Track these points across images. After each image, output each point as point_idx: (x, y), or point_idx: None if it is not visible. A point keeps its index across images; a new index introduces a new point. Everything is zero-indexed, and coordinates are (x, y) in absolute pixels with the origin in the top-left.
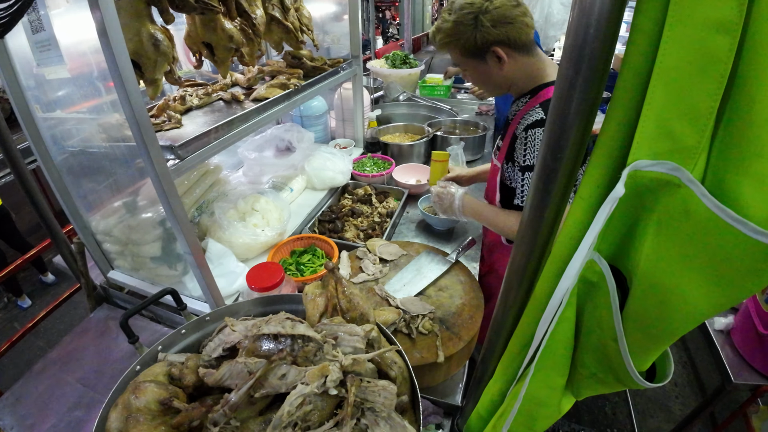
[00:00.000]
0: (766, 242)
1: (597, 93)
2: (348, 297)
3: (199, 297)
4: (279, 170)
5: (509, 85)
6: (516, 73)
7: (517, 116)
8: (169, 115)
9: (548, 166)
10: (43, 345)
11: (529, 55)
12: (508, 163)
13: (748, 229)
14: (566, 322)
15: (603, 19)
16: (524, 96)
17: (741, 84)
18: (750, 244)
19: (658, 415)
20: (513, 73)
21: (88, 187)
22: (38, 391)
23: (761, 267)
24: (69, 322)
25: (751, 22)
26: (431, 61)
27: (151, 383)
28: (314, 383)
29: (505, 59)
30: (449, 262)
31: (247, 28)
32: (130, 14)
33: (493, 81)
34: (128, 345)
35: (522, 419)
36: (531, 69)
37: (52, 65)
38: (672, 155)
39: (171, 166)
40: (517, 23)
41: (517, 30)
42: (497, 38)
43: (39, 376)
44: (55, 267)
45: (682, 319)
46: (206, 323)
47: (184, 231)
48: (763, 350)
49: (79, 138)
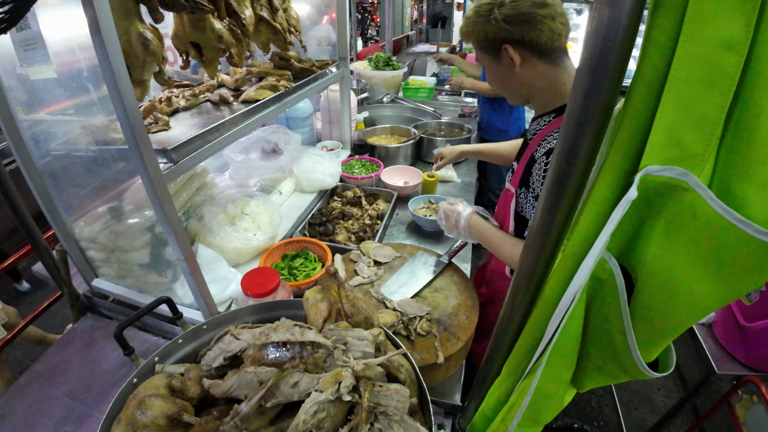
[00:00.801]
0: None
1: (611, 102)
2: (352, 301)
3: (191, 304)
4: (266, 173)
5: (527, 94)
6: (535, 82)
7: (538, 137)
8: (156, 117)
9: (562, 171)
10: (21, 357)
11: (553, 64)
12: (521, 189)
13: (752, 229)
14: (576, 318)
15: (620, 33)
16: (548, 114)
17: (748, 97)
18: (753, 244)
19: (642, 407)
20: (530, 80)
21: (71, 192)
22: (24, 406)
23: (762, 264)
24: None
25: (758, 41)
26: (414, 64)
27: (157, 397)
28: (329, 390)
29: (517, 61)
30: (443, 263)
31: (236, 28)
32: (119, 12)
33: (507, 84)
34: (116, 356)
35: (529, 413)
36: (556, 82)
37: (37, 65)
38: (681, 161)
39: (164, 169)
40: (537, 23)
41: (538, 32)
42: (509, 36)
43: (24, 391)
44: (32, 275)
45: (688, 312)
46: (203, 332)
47: (177, 237)
48: (744, 341)
49: (63, 141)
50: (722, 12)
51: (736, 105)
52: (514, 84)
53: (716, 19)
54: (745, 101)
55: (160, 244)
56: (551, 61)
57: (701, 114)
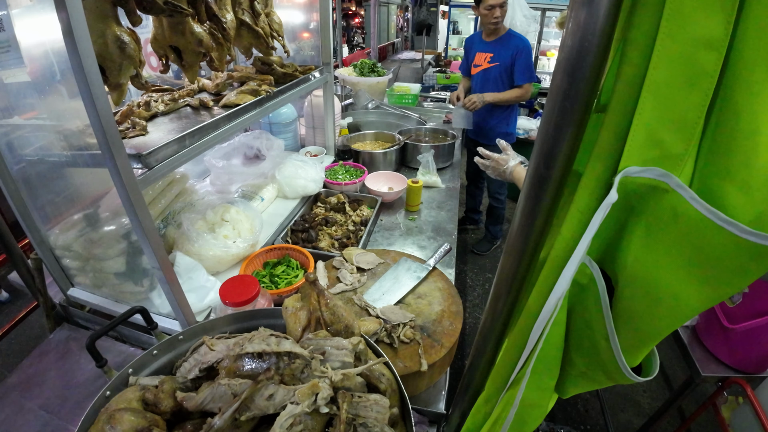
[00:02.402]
0: (756, 241)
1: (588, 103)
2: (331, 309)
3: (168, 314)
4: (248, 179)
5: None
6: None
7: None
8: (134, 122)
9: (540, 174)
10: None
11: None
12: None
13: (738, 229)
14: (558, 325)
15: (596, 33)
16: None
17: (727, 97)
18: (739, 244)
19: (628, 410)
20: None
21: (46, 199)
22: None
23: (748, 265)
24: (24, 343)
25: (737, 40)
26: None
27: (127, 411)
28: (305, 402)
29: None
30: (427, 268)
31: (216, 32)
32: (95, 15)
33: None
34: (92, 368)
35: (515, 424)
36: None
37: (10, 68)
38: (661, 162)
39: (138, 175)
40: None
41: None
42: None
43: None
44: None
45: (672, 315)
46: (179, 342)
47: (153, 245)
48: (728, 343)
49: (38, 146)
50: (701, 9)
51: (715, 104)
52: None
53: (695, 16)
54: (724, 101)
55: (136, 252)
56: None
57: (681, 113)
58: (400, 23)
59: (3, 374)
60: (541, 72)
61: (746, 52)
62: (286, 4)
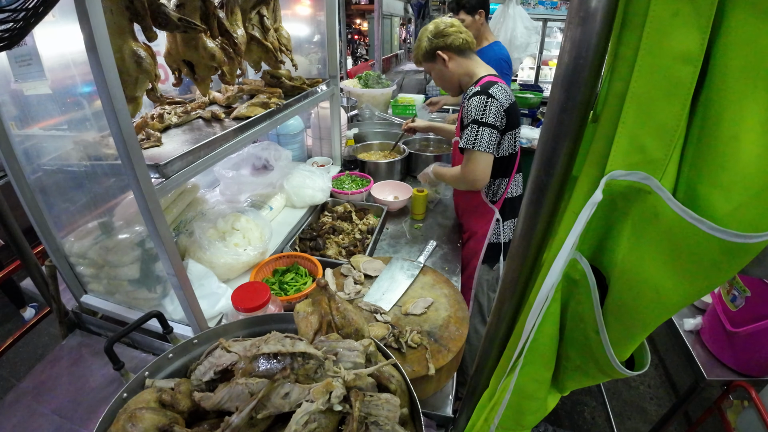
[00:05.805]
0: (722, 237)
1: (584, 115)
2: (342, 313)
3: (181, 320)
4: (257, 188)
5: (458, 81)
6: (459, 70)
7: (463, 106)
8: (148, 134)
9: (541, 180)
10: (6, 375)
11: (467, 58)
12: (462, 132)
13: (706, 226)
14: (551, 317)
15: (591, 50)
16: (467, 93)
17: (709, 106)
18: (709, 240)
19: (635, 417)
20: (456, 70)
21: (62, 207)
22: (12, 424)
23: (720, 260)
24: (33, 350)
25: (717, 54)
26: (402, 82)
27: (148, 410)
28: (320, 400)
29: (446, 59)
30: (418, 265)
31: (228, 47)
32: (113, 31)
33: (445, 79)
34: (104, 373)
35: (511, 413)
36: (471, 69)
37: (32, 80)
38: (643, 166)
39: (156, 184)
40: (451, 35)
41: (453, 39)
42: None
43: (11, 408)
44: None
45: (655, 310)
46: (194, 346)
47: (169, 252)
48: (732, 347)
49: (56, 156)
50: (679, 27)
51: (697, 113)
52: (449, 76)
53: (673, 33)
54: (706, 108)
55: (150, 259)
56: (466, 56)
57: (661, 122)
58: (403, 35)
59: (12, 382)
60: (543, 81)
61: (726, 65)
62: (292, 18)
